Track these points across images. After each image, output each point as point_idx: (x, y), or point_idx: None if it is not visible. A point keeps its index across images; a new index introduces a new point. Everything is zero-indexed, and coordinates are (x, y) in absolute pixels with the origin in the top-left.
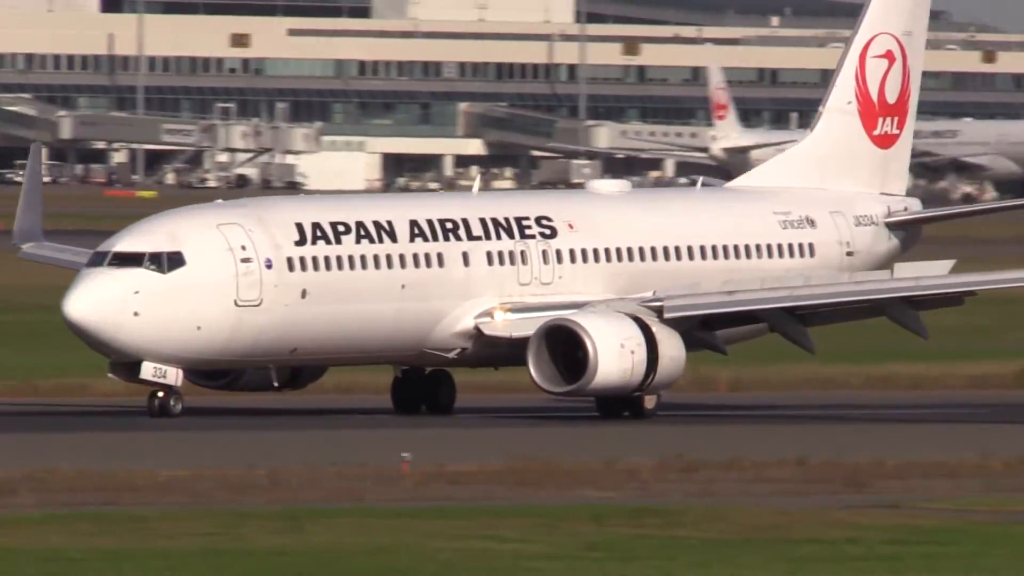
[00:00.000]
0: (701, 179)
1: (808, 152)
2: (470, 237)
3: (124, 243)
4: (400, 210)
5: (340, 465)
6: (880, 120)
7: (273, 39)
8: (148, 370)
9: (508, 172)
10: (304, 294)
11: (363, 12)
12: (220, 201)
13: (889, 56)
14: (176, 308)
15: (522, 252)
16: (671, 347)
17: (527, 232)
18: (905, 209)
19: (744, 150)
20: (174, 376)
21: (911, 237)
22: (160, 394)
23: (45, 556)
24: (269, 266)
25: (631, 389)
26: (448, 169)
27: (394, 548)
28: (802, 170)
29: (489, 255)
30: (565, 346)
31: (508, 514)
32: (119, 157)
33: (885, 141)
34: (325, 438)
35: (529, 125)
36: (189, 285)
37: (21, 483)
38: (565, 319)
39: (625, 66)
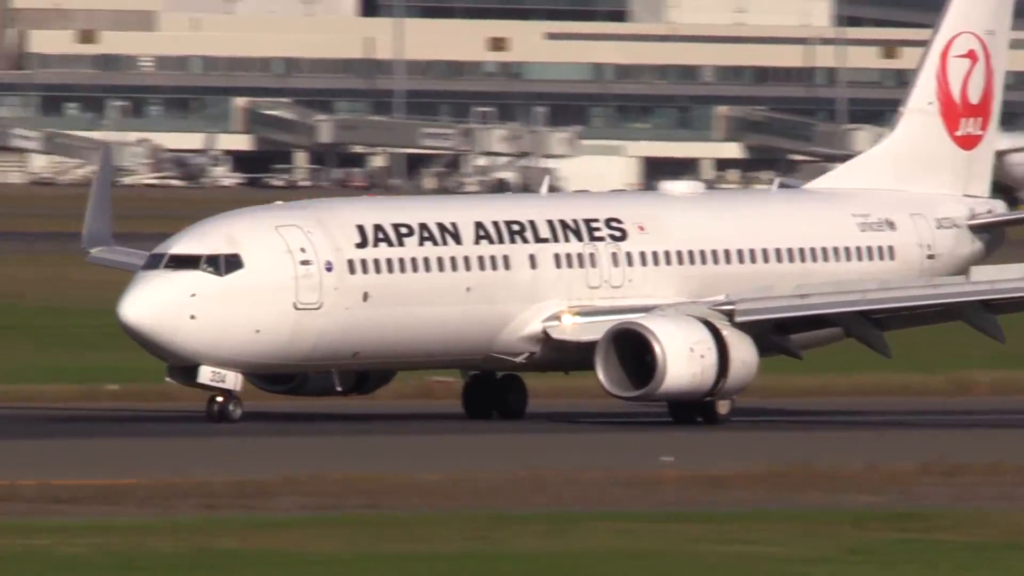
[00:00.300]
0: (778, 180)
1: (888, 153)
2: (537, 239)
3: (181, 245)
4: (465, 212)
5: (599, 468)
6: (963, 121)
7: (531, 43)
8: (206, 374)
9: (767, 175)
10: (366, 297)
11: (619, 16)
12: (280, 203)
13: (971, 55)
14: (234, 311)
15: (591, 255)
16: (742, 351)
17: (596, 234)
18: (989, 211)
19: (1002, 153)
20: (233, 380)
21: (995, 240)
22: (219, 399)
23: (307, 560)
24: (329, 268)
25: (701, 394)
26: (707, 173)
27: (657, 552)
28: (882, 172)
29: (557, 257)
30: (634, 350)
31: (770, 518)
32: (378, 161)
33: (968, 142)
34: (583, 441)
35: (788, 129)
36: (247, 288)
37: (281, 487)
38: (633, 323)
39: (884, 69)
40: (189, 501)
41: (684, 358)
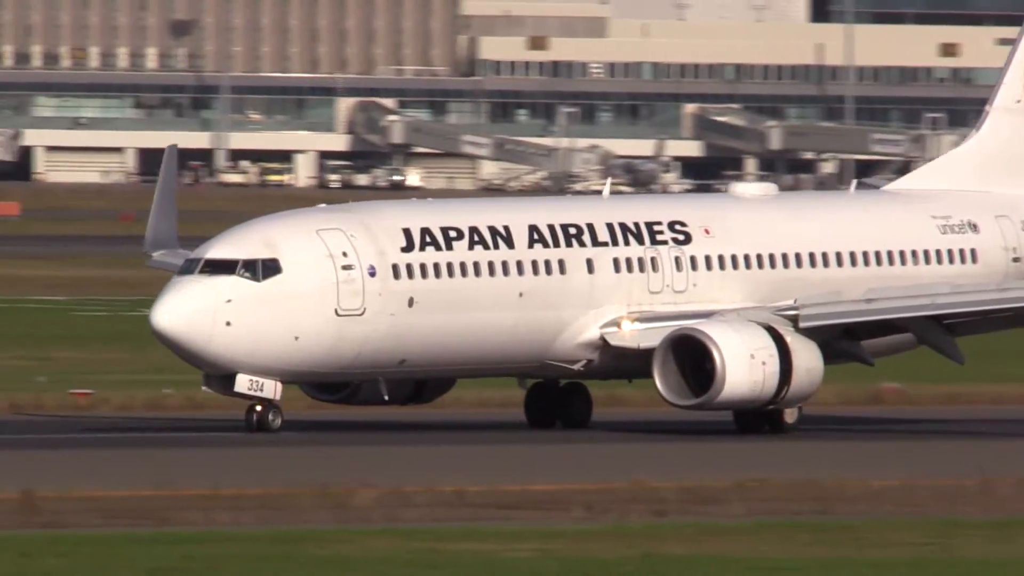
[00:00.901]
0: (856, 181)
1: (973, 153)
2: (595, 243)
3: (216, 250)
4: (519, 214)
5: None
6: None
7: (981, 48)
8: (243, 383)
9: None
10: (411, 303)
11: None
12: (323, 205)
13: None
14: (271, 317)
15: (652, 259)
16: (806, 358)
17: (658, 238)
18: None
19: None
20: (272, 389)
21: None
22: (258, 408)
23: (757, 565)
24: (372, 273)
25: (763, 402)
26: None
27: None
28: (966, 172)
29: (616, 262)
30: (693, 357)
31: None
32: (828, 167)
33: None
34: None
35: None
36: (285, 293)
37: (731, 492)
38: (692, 328)
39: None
40: (637, 507)
41: (744, 365)
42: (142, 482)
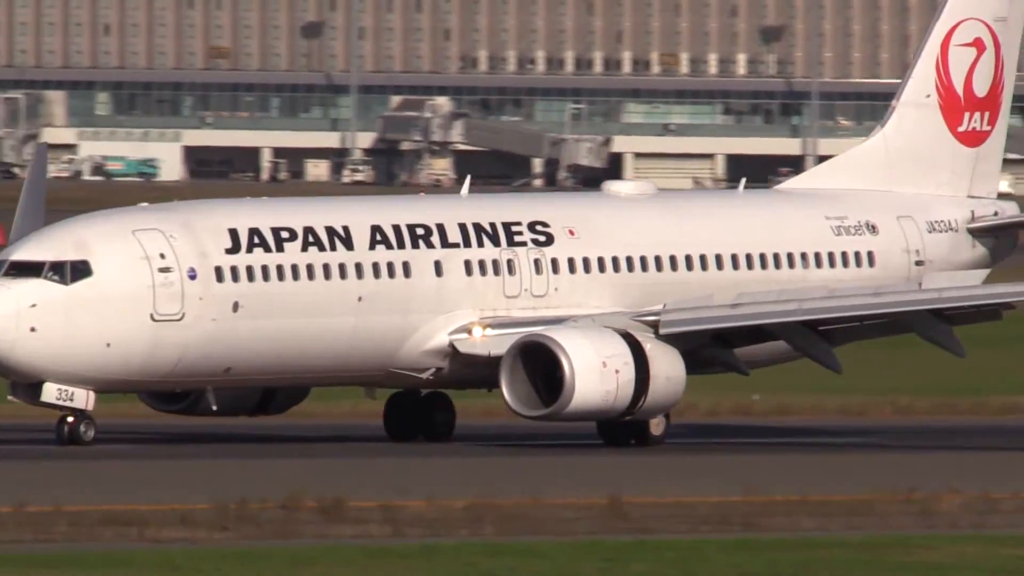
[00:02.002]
0: (744, 180)
1: (876, 151)
2: (445, 244)
3: (23, 251)
4: (362, 215)
5: None
6: (966, 115)
7: None
8: (51, 392)
9: None
10: (236, 307)
11: None
12: (144, 204)
13: (978, 44)
14: (81, 323)
15: (509, 261)
16: (666, 366)
17: (517, 239)
18: (995, 214)
19: None
20: (83, 399)
21: (1004, 245)
22: (70, 419)
23: None
24: (193, 276)
25: (618, 412)
26: None
27: None
28: (868, 171)
29: (468, 264)
30: (544, 366)
31: None
32: None
33: (973, 139)
34: None
35: None
36: (96, 297)
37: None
38: (540, 335)
39: None
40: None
41: (596, 373)
42: (730, 489)
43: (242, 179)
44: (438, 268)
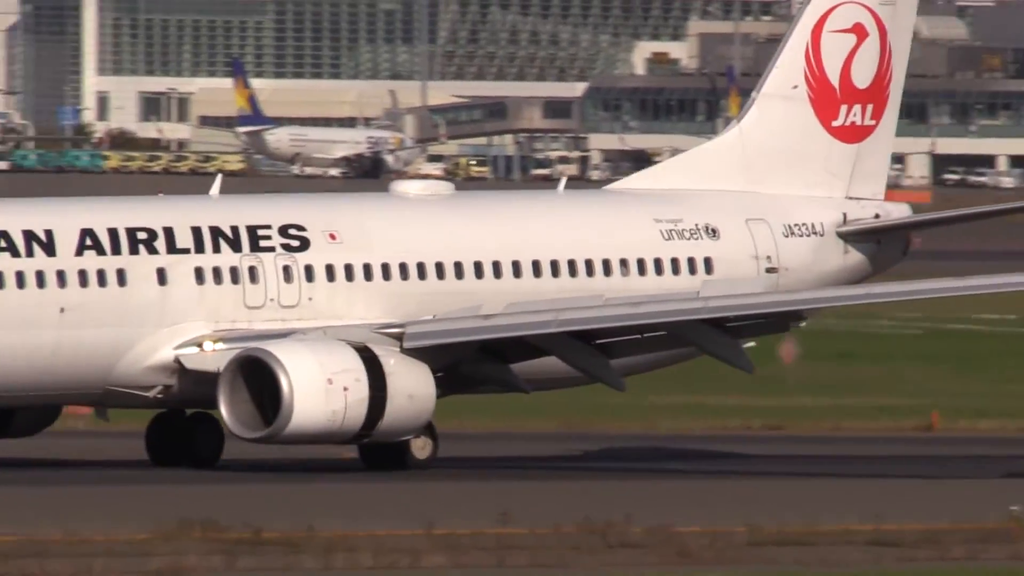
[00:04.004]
0: (564, 179)
1: (732, 147)
2: (172, 250)
3: None
4: (71, 217)
5: None
6: (843, 109)
7: None
8: None
9: None
10: None
11: None
12: None
13: (858, 30)
14: None
15: (251, 268)
16: (410, 383)
17: (263, 244)
18: (876, 216)
19: None
20: None
21: (889, 251)
22: None
23: None
24: None
25: (350, 435)
26: None
27: None
28: (719, 169)
29: (199, 271)
30: (268, 383)
31: None
32: None
33: (852, 134)
34: None
35: None
36: None
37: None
38: (258, 349)
39: None
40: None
41: (320, 391)
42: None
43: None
44: (161, 276)
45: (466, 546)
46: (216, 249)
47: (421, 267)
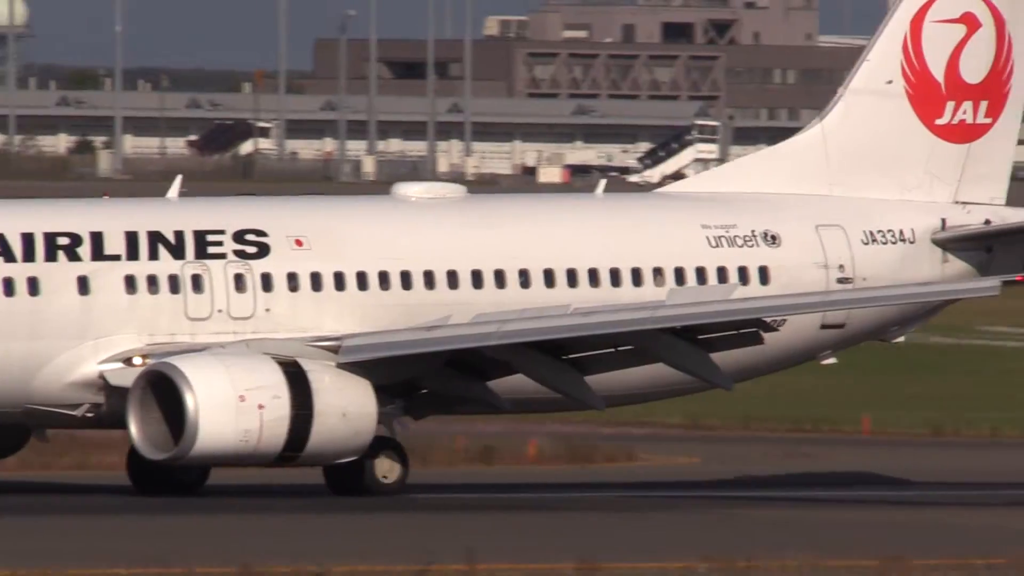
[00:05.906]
0: (604, 181)
1: (811, 147)
2: (99, 256)
3: None
4: None
5: None
6: (950, 105)
7: None
8: None
9: None
10: None
11: None
12: None
13: (968, 20)
14: None
15: (195, 276)
16: (344, 400)
17: (211, 250)
18: (986, 222)
19: None
20: None
21: (1006, 260)
22: None
23: None
24: None
25: (270, 456)
26: None
27: None
28: (797, 171)
29: (130, 280)
30: (175, 400)
31: None
32: None
33: (961, 133)
34: None
35: None
36: None
37: None
38: (164, 364)
39: None
40: None
41: (229, 409)
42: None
43: None
44: (83, 285)
45: None
46: (153, 256)
47: (406, 276)
